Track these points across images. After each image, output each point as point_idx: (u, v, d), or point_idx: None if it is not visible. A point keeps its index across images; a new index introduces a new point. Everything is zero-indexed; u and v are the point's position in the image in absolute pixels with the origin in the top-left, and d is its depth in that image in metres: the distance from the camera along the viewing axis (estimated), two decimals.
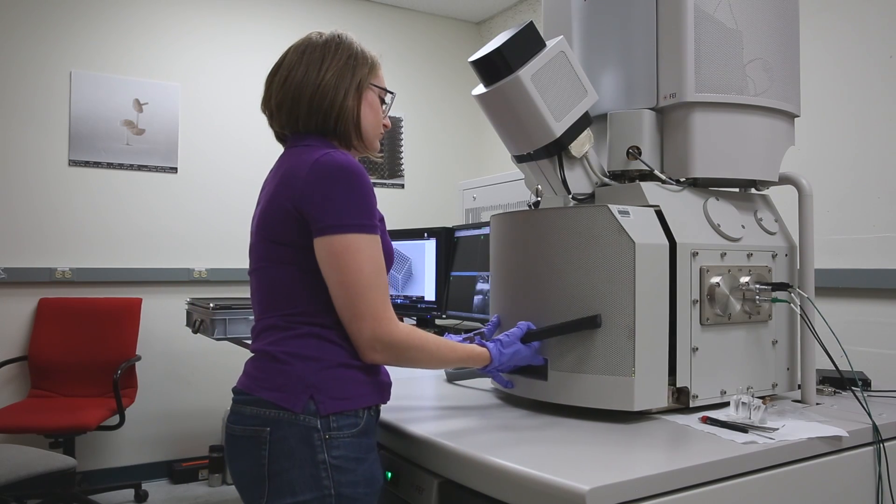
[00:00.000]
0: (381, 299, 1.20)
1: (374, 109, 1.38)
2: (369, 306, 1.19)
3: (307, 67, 1.31)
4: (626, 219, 1.29)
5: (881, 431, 1.29)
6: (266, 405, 1.19)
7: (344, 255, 1.18)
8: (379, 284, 1.20)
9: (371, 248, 1.20)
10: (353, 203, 1.20)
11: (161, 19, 4.06)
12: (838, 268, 2.69)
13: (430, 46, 4.97)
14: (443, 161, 4.88)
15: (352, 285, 1.18)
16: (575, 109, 1.43)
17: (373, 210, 1.23)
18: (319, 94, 1.30)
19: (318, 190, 1.20)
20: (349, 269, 1.18)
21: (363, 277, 1.18)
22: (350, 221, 1.19)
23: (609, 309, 1.29)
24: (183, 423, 4.03)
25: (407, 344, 1.22)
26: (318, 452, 1.17)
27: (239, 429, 1.22)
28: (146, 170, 4.00)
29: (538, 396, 1.39)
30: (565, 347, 1.34)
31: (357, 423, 1.21)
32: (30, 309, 3.72)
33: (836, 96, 2.79)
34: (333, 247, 1.18)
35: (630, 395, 1.27)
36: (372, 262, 1.20)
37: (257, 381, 1.23)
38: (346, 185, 1.20)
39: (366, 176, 1.24)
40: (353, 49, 1.35)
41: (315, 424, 1.17)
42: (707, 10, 1.42)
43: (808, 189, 1.55)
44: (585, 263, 1.32)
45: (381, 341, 1.19)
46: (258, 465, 1.19)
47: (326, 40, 1.35)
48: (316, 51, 1.33)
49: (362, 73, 1.35)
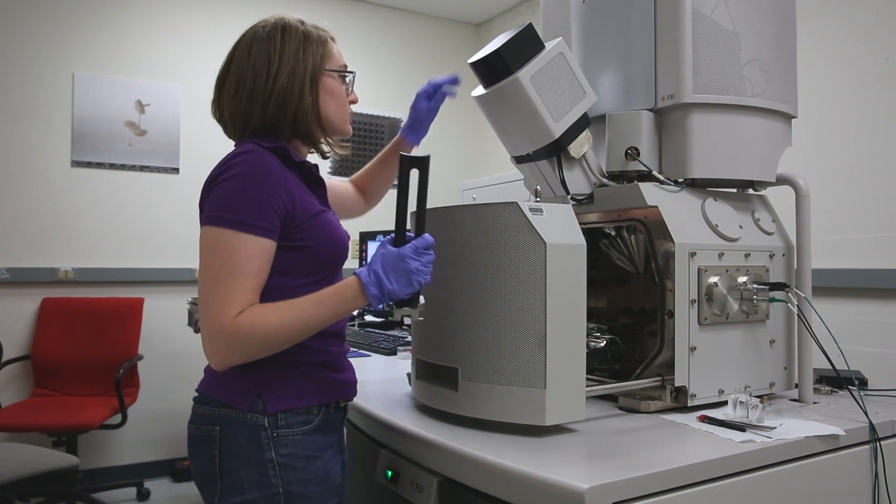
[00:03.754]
0: (224, 297, 1.09)
1: (336, 95, 1.31)
2: (208, 304, 1.10)
3: (255, 71, 1.23)
4: (538, 217, 1.19)
5: (878, 430, 1.30)
6: (217, 404, 1.20)
7: (211, 248, 1.12)
8: (227, 279, 1.10)
9: (242, 246, 1.11)
10: (243, 200, 1.13)
11: (163, 21, 4.07)
12: (835, 268, 2.70)
13: (430, 48, 4.97)
14: (443, 161, 4.88)
15: (201, 280, 1.13)
16: (574, 110, 1.44)
17: (262, 212, 1.13)
18: (274, 102, 1.23)
19: (218, 178, 1.17)
20: (209, 263, 1.12)
21: (211, 272, 1.11)
22: (229, 215, 1.12)
23: (518, 315, 1.18)
24: (184, 421, 3.96)
25: (249, 329, 1.09)
26: (265, 451, 1.16)
27: (194, 427, 1.23)
28: (148, 170, 4.01)
29: (449, 408, 1.29)
30: (475, 356, 1.23)
31: (309, 421, 1.20)
32: (33, 308, 3.73)
33: (834, 97, 2.80)
34: (206, 237, 1.14)
35: (541, 408, 1.17)
36: (228, 258, 1.11)
37: (210, 382, 1.23)
38: (243, 179, 1.14)
39: (269, 174, 1.16)
40: (300, 35, 1.26)
41: (262, 423, 1.16)
42: (705, 11, 1.43)
43: (805, 189, 1.55)
44: (494, 265, 1.20)
45: (214, 338, 1.09)
46: (210, 463, 1.19)
47: (270, 32, 1.26)
48: (262, 47, 1.24)
49: (314, 61, 1.26)
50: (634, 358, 1.50)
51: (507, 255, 1.20)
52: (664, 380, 1.38)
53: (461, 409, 1.26)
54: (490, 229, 1.21)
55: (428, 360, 1.35)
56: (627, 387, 1.39)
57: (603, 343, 1.44)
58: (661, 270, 1.41)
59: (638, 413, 1.37)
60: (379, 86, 4.72)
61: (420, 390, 1.40)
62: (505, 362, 1.19)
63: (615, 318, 1.58)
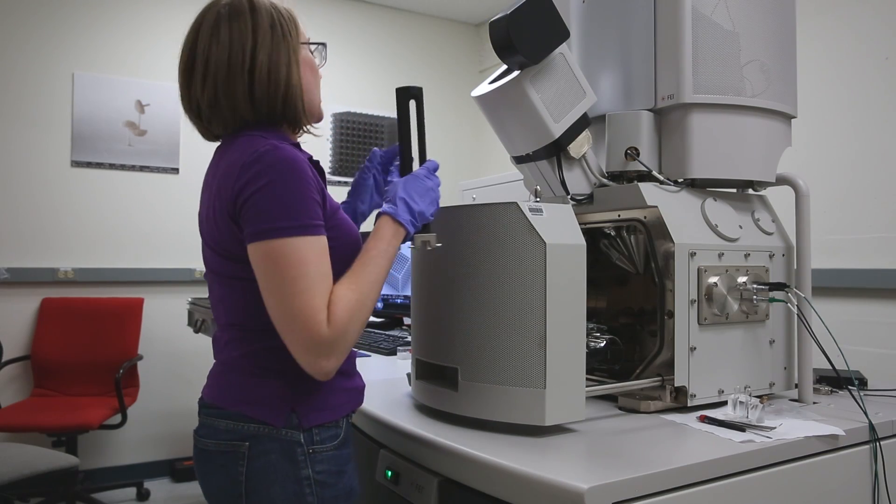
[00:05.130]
0: (310, 307, 1.02)
1: (314, 69, 1.23)
2: (294, 319, 1.02)
3: (229, 51, 1.11)
4: (538, 217, 1.18)
5: (877, 430, 1.30)
6: (243, 419, 1.11)
7: (278, 262, 1.03)
8: (309, 287, 1.02)
9: (309, 249, 1.04)
10: (291, 203, 1.04)
11: (162, 20, 4.07)
12: (835, 268, 2.70)
13: (430, 48, 4.98)
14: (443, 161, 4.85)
15: (275, 297, 1.04)
16: (574, 111, 1.44)
17: (310, 209, 1.06)
18: (259, 82, 1.12)
19: (249, 188, 1.05)
20: (282, 276, 1.02)
21: (286, 286, 1.02)
22: (282, 224, 1.03)
23: (519, 315, 1.18)
24: (184, 421, 4.04)
25: (345, 323, 1.03)
26: (301, 468, 1.10)
27: (213, 443, 1.14)
28: (148, 170, 4.02)
29: (448, 408, 1.28)
30: (475, 356, 1.22)
31: (338, 434, 1.16)
32: (32, 308, 3.73)
33: (834, 98, 2.80)
34: (267, 252, 1.03)
35: (541, 408, 1.16)
36: (299, 266, 1.03)
37: (231, 395, 1.13)
38: (280, 181, 1.04)
39: (301, 167, 1.07)
40: (269, 8, 1.15)
41: (298, 439, 1.11)
42: (704, 11, 1.43)
43: (804, 190, 1.55)
44: (495, 264, 1.20)
45: (314, 351, 1.02)
46: (235, 482, 1.11)
47: (237, 9, 1.13)
48: (233, 25, 1.12)
49: (292, 34, 1.16)
50: (634, 358, 1.50)
51: (506, 255, 1.19)
52: (664, 380, 1.38)
53: (461, 409, 1.26)
54: (490, 229, 1.21)
55: (428, 360, 1.35)
56: (627, 387, 1.39)
57: (603, 343, 1.44)
58: (661, 270, 1.41)
59: (638, 413, 1.37)
60: (378, 86, 4.72)
61: (420, 390, 1.40)
62: (505, 362, 1.19)
63: (615, 318, 1.58)
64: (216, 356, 1.21)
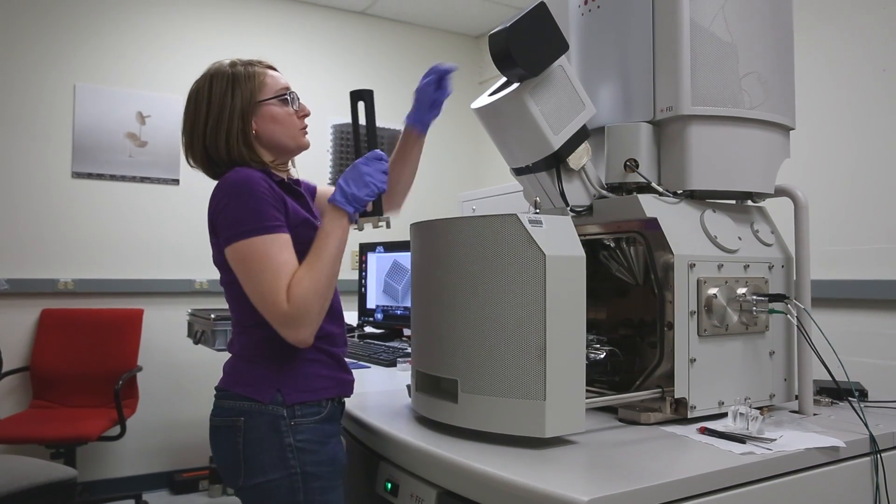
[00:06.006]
0: (273, 289, 1.24)
1: (279, 119, 1.43)
2: (263, 302, 1.26)
3: (192, 127, 1.41)
4: (537, 228, 1.19)
5: (878, 442, 1.30)
6: (240, 398, 1.34)
7: (245, 258, 1.27)
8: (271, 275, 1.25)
9: (269, 245, 1.27)
10: (248, 211, 1.28)
11: (163, 32, 4.09)
12: (835, 279, 2.70)
13: (430, 60, 4.97)
14: (443, 173, 4.89)
15: (247, 289, 1.29)
16: (573, 123, 1.45)
17: (265, 213, 1.28)
18: (212, 151, 1.39)
19: (218, 207, 1.32)
20: (249, 269, 1.27)
21: (254, 277, 1.27)
22: (243, 228, 1.27)
23: (518, 326, 1.18)
24: (183, 433, 4.02)
25: (304, 297, 1.25)
26: (284, 437, 1.31)
27: (218, 419, 1.37)
28: (148, 181, 4.02)
29: (448, 420, 1.29)
30: (475, 368, 1.23)
31: (320, 412, 1.36)
32: (32, 320, 3.73)
33: (832, 109, 2.81)
34: (236, 252, 1.28)
35: (541, 420, 1.16)
36: (261, 260, 1.26)
37: (232, 379, 1.38)
38: (236, 196, 1.29)
39: (254, 183, 1.30)
40: (227, 78, 1.40)
41: (282, 413, 1.31)
42: (702, 23, 1.44)
43: (803, 201, 1.56)
44: (495, 276, 1.21)
45: (283, 324, 1.25)
46: (235, 450, 1.33)
47: (201, 84, 1.42)
48: (197, 98, 1.41)
49: (244, 98, 1.39)
50: (634, 369, 1.50)
51: (506, 267, 1.20)
52: (664, 391, 1.38)
53: (461, 420, 1.26)
54: (490, 241, 1.22)
55: (427, 371, 1.35)
56: (627, 398, 1.38)
57: (603, 354, 1.44)
58: (661, 282, 1.42)
59: (638, 425, 1.37)
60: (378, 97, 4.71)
61: (420, 402, 1.40)
62: (505, 374, 1.19)
63: (615, 330, 1.58)
64: (230, 351, 1.45)
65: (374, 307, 3.09)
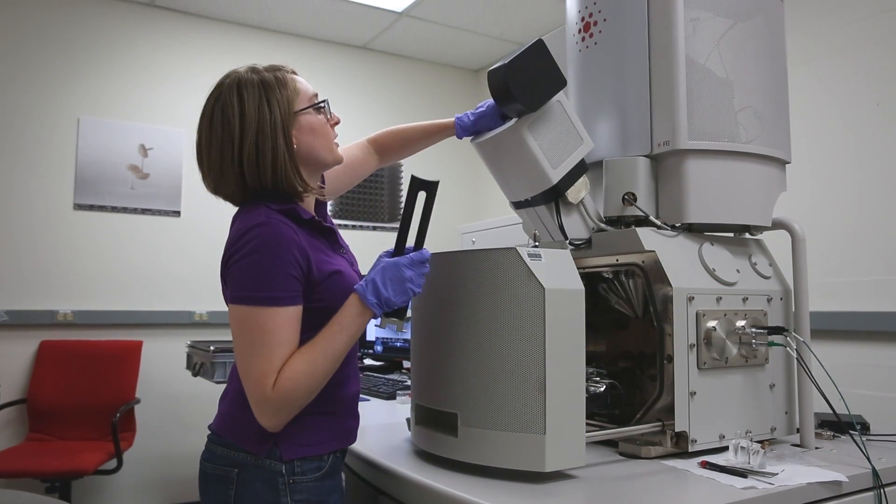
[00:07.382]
0: (262, 369, 1.13)
1: (317, 129, 1.28)
2: (249, 377, 1.15)
3: (221, 145, 1.23)
4: (537, 262, 1.20)
5: (881, 476, 1.29)
6: (234, 448, 1.23)
7: (244, 326, 1.16)
8: (266, 352, 1.13)
9: (274, 319, 1.14)
10: (265, 276, 1.15)
11: (166, 66, 4.14)
12: (834, 310, 2.70)
13: (429, 93, 5.06)
14: (443, 205, 4.90)
15: (238, 354, 1.18)
16: (571, 157, 1.47)
17: (281, 282, 1.15)
18: (248, 170, 1.22)
19: (236, 255, 1.18)
20: (245, 338, 1.16)
21: (247, 347, 1.15)
22: (253, 294, 1.15)
23: (518, 360, 1.18)
24: (181, 466, 3.98)
25: (290, 389, 1.13)
26: (281, 496, 1.20)
27: (210, 466, 1.26)
28: (150, 213, 4.04)
29: (448, 454, 1.28)
30: (475, 401, 1.23)
31: (321, 467, 1.25)
32: (31, 351, 3.71)
33: (828, 143, 2.84)
34: (238, 316, 1.17)
35: (541, 454, 1.16)
36: (260, 333, 1.14)
37: (227, 424, 1.27)
38: (258, 253, 1.15)
39: (281, 245, 1.16)
40: (257, 87, 1.23)
41: (279, 469, 1.20)
42: (698, 60, 1.47)
43: (800, 234, 1.57)
44: (494, 310, 1.21)
45: (262, 407, 1.14)
46: (227, 502, 1.22)
47: (225, 96, 1.23)
48: (223, 114, 1.23)
49: (283, 109, 1.22)
50: (634, 402, 1.49)
51: (506, 300, 1.20)
52: (664, 425, 1.38)
53: (461, 454, 1.25)
54: (489, 275, 1.22)
55: (427, 405, 1.34)
56: (628, 432, 1.38)
57: (602, 388, 1.44)
58: (660, 314, 1.42)
59: (638, 459, 1.36)
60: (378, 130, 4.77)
61: (419, 436, 1.39)
62: (504, 408, 1.19)
63: (614, 362, 1.57)
64: (226, 387, 1.33)
65: (373, 339, 3.08)
